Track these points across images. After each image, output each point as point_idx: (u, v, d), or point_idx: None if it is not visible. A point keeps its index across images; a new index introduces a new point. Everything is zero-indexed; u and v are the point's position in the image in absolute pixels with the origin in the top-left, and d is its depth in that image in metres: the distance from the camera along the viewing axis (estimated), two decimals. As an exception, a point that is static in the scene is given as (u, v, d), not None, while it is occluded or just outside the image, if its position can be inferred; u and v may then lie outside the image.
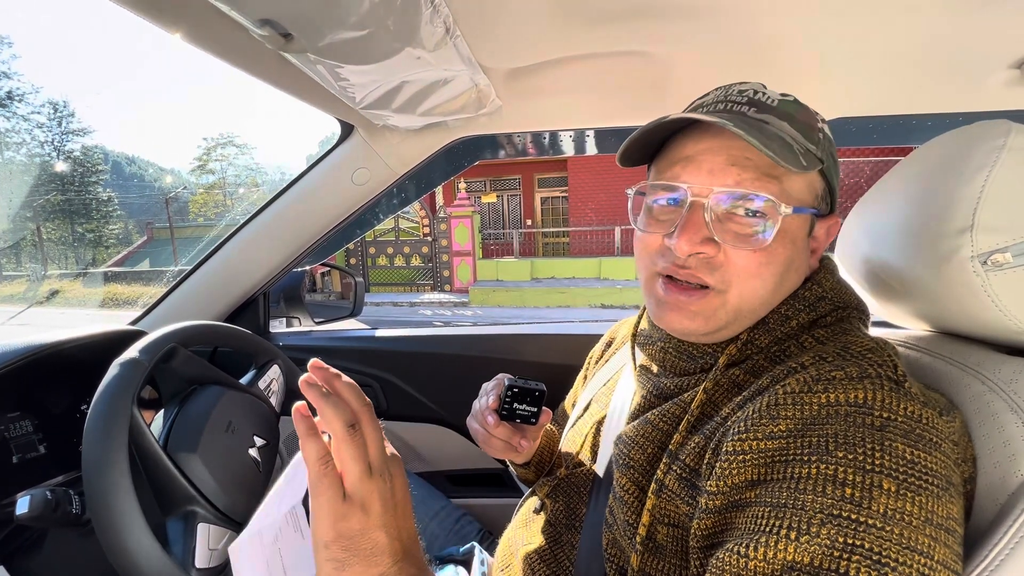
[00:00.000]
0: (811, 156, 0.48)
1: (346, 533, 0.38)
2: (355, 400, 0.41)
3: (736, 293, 0.48)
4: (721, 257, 0.48)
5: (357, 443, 0.39)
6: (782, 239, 0.48)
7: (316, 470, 0.38)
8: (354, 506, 0.38)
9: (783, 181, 0.47)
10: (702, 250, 0.48)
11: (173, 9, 0.54)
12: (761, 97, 0.51)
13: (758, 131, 0.45)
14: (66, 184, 27.53)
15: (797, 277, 0.51)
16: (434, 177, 1.14)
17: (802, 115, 0.50)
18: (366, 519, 0.38)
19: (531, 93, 0.88)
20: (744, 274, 0.48)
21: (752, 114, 0.50)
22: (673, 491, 0.46)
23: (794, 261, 0.50)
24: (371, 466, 0.40)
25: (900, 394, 0.39)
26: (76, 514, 0.64)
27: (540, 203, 14.20)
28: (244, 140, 65.70)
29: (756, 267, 0.48)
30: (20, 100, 28.74)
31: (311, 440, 0.39)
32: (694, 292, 0.49)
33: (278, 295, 1.34)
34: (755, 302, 0.49)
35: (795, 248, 0.49)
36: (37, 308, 11.68)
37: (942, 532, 0.34)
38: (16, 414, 0.81)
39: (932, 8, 0.64)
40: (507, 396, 0.65)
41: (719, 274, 0.48)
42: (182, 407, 0.72)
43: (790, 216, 0.47)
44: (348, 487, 0.39)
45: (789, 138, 0.48)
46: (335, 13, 0.54)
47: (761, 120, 0.49)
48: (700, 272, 0.49)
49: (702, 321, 0.50)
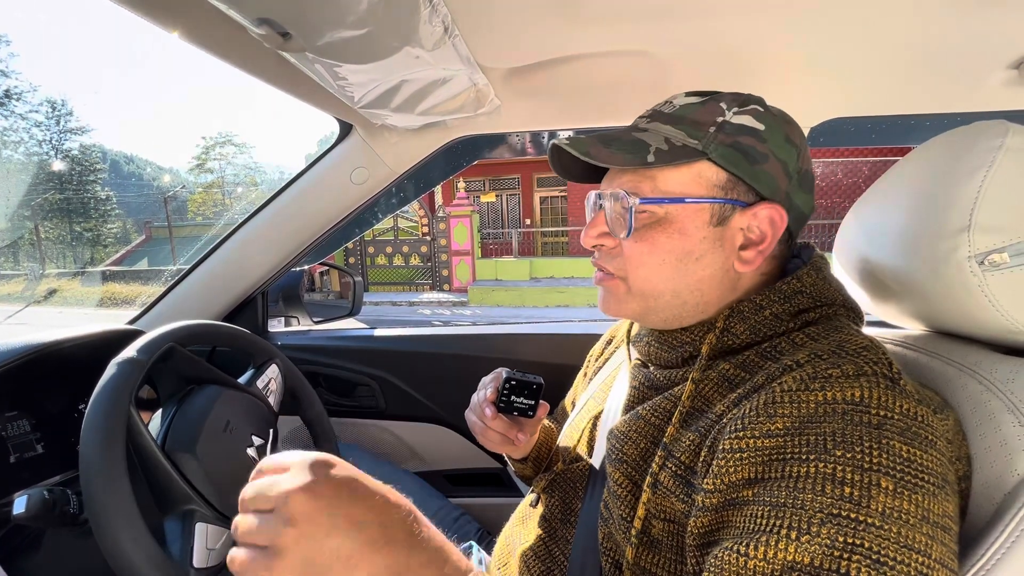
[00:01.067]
0: (684, 150, 0.51)
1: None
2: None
3: (633, 279, 0.55)
4: (618, 248, 0.56)
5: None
6: (664, 229, 0.52)
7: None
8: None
9: (656, 179, 0.52)
10: (600, 242, 0.57)
11: (171, 8, 0.54)
12: (664, 107, 0.56)
13: (605, 143, 0.53)
14: (64, 183, 27.48)
15: (705, 267, 0.52)
16: (433, 176, 1.14)
17: (698, 114, 0.53)
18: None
19: (530, 93, 0.88)
20: (632, 261, 0.54)
21: (642, 124, 0.56)
22: (668, 487, 0.46)
23: (692, 251, 0.52)
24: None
25: (896, 392, 0.39)
26: (74, 514, 0.64)
27: (539, 203, 14.20)
28: (243, 139, 65.75)
29: (639, 256, 0.53)
30: (18, 99, 28.70)
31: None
32: (606, 278, 0.58)
33: (277, 294, 1.34)
34: (652, 288, 0.54)
35: (685, 238, 0.52)
36: (35, 307, 11.66)
37: (938, 530, 0.35)
38: (13, 413, 0.80)
39: (930, 9, 0.64)
40: (505, 389, 0.65)
41: (617, 262, 0.56)
42: (180, 407, 0.72)
43: (671, 207, 0.52)
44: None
45: (662, 139, 0.52)
46: (333, 12, 0.54)
47: (642, 129, 0.55)
48: (603, 261, 0.58)
49: (615, 301, 0.57)
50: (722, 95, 0.54)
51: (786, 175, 0.52)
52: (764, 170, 0.51)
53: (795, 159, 0.53)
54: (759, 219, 0.52)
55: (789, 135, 0.53)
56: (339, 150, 1.03)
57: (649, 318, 0.57)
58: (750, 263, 0.53)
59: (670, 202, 0.52)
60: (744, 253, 0.53)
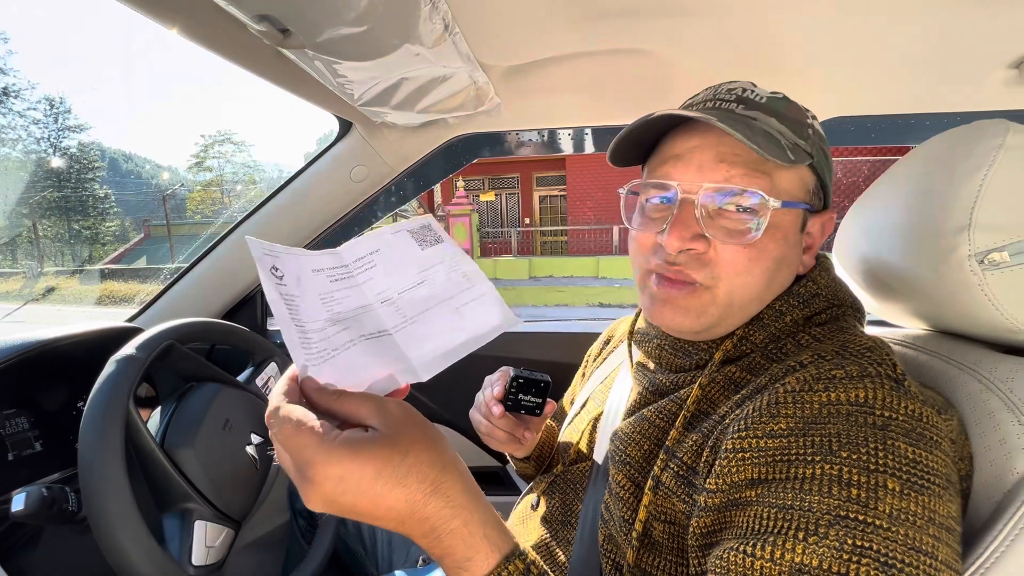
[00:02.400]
0: (799, 150, 0.48)
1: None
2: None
3: (725, 289, 0.48)
4: (711, 253, 0.48)
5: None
6: (773, 235, 0.48)
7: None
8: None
9: (772, 176, 0.48)
10: (692, 246, 0.48)
11: (171, 4, 0.54)
12: (750, 95, 0.51)
13: (745, 126, 0.45)
14: (62, 181, 27.42)
15: (789, 273, 0.51)
16: (432, 175, 1.14)
17: (791, 111, 0.51)
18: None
19: (530, 91, 0.88)
20: (733, 270, 0.48)
21: (740, 111, 0.50)
22: (670, 488, 0.46)
23: (786, 257, 0.50)
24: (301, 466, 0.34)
25: (900, 393, 0.39)
26: (72, 511, 0.64)
27: (538, 202, 14.20)
28: (242, 137, 65.61)
29: (745, 263, 0.48)
30: (16, 96, 28.65)
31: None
32: (684, 287, 0.50)
33: (276, 293, 1.34)
34: (745, 298, 0.49)
35: (787, 244, 0.49)
36: (33, 305, 11.64)
37: (944, 532, 0.35)
38: (12, 411, 0.80)
39: (930, 8, 0.64)
40: (513, 386, 0.65)
41: (708, 270, 0.48)
42: (179, 404, 0.72)
43: (780, 211, 0.48)
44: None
45: (776, 133, 0.48)
46: (333, 9, 0.54)
47: (748, 116, 0.49)
48: (690, 269, 0.49)
49: (693, 317, 0.50)
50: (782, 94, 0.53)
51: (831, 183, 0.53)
52: (831, 179, 0.52)
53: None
54: (821, 225, 0.53)
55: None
56: (339, 148, 1.03)
57: (716, 329, 0.51)
58: (808, 267, 0.53)
59: (797, 206, 0.48)
60: (804, 257, 0.53)
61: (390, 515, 0.34)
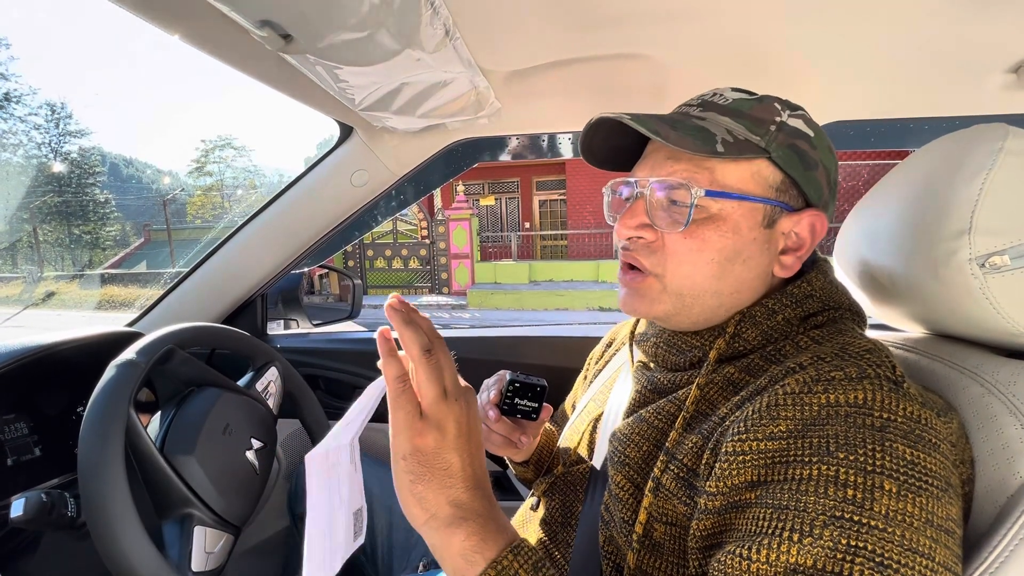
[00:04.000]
0: (747, 145, 0.49)
1: (422, 448, 0.40)
2: (429, 329, 0.44)
3: (672, 277, 0.52)
4: (659, 243, 0.52)
5: (433, 366, 0.41)
6: (717, 226, 0.49)
7: (395, 387, 0.41)
8: (430, 425, 0.41)
9: (715, 171, 0.49)
10: (640, 234, 0.52)
11: (173, 10, 0.54)
12: (716, 98, 0.53)
13: (671, 125, 0.49)
14: (63, 186, 27.45)
15: (747, 269, 0.51)
16: (433, 179, 1.14)
17: (757, 111, 0.51)
18: (441, 439, 0.41)
19: (530, 95, 0.88)
20: (675, 259, 0.51)
21: (695, 113, 0.53)
22: (670, 490, 0.46)
23: (739, 251, 0.50)
24: (446, 390, 0.42)
25: (899, 395, 0.39)
26: (71, 517, 0.64)
27: (538, 206, 14.22)
28: (242, 142, 65.83)
29: (686, 252, 0.50)
30: (17, 101, 28.68)
31: (391, 360, 0.42)
32: (638, 274, 0.54)
33: (276, 297, 1.34)
34: (693, 288, 0.51)
35: (737, 238, 0.50)
36: (33, 310, 11.63)
37: (942, 534, 0.34)
38: (11, 416, 0.80)
39: (929, 13, 0.65)
40: (508, 391, 0.65)
41: (656, 258, 0.52)
42: (179, 409, 0.72)
43: (726, 203, 0.49)
44: (425, 407, 0.41)
45: (724, 131, 0.49)
46: (335, 14, 0.54)
47: (696, 117, 0.52)
48: (639, 255, 0.53)
49: (646, 302, 0.53)
50: (770, 96, 0.53)
51: (828, 184, 0.52)
52: (814, 176, 0.51)
53: (834, 169, 0.53)
54: (801, 225, 0.52)
55: (831, 145, 0.53)
56: (340, 152, 1.03)
57: (677, 319, 0.54)
58: (789, 269, 0.52)
59: (736, 197, 0.49)
60: (784, 258, 0.52)
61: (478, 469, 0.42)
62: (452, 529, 0.40)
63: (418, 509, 0.40)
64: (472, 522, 0.40)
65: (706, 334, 0.53)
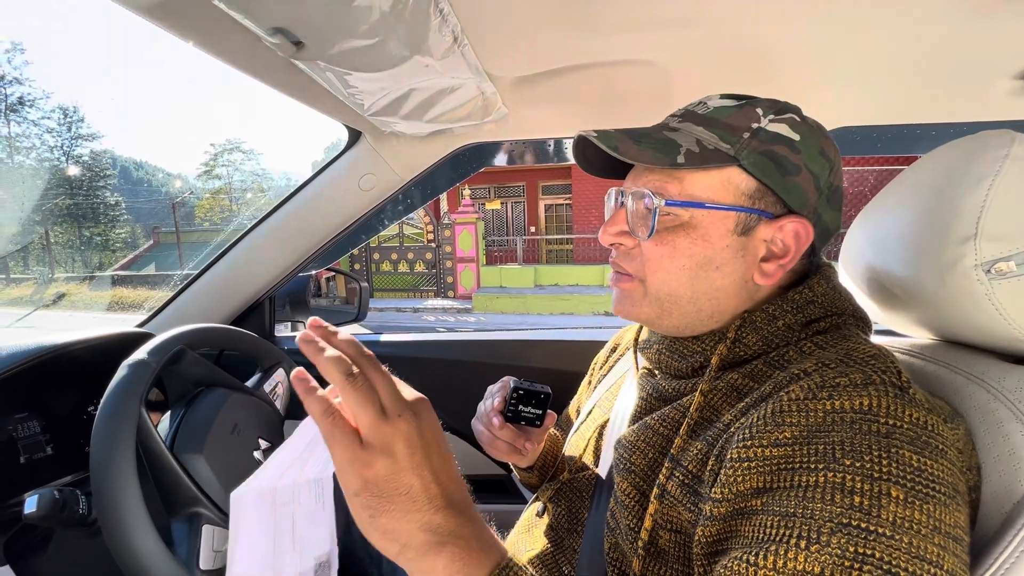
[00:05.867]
0: (715, 154, 0.49)
1: (372, 479, 0.36)
2: (352, 351, 0.40)
3: (651, 282, 0.53)
4: (637, 249, 0.54)
5: (361, 389, 0.37)
6: (688, 233, 0.51)
7: (324, 424, 0.37)
8: (375, 452, 0.36)
9: (684, 181, 0.51)
10: (619, 241, 0.55)
11: (188, 17, 0.56)
12: (697, 108, 0.54)
13: (635, 139, 0.51)
14: (74, 188, 27.80)
15: (724, 276, 0.51)
16: (440, 183, 1.15)
17: (733, 119, 0.51)
18: (392, 463, 0.36)
19: (537, 101, 0.89)
20: (650, 264, 0.53)
21: (673, 124, 0.54)
22: (675, 497, 0.46)
23: (712, 259, 0.51)
24: (385, 410, 0.38)
25: (905, 400, 0.39)
26: (83, 514, 0.65)
27: (544, 210, 14.23)
28: (251, 146, 66.40)
29: (659, 258, 0.52)
30: (31, 105, 29.13)
31: (310, 397, 0.38)
32: (624, 279, 0.56)
33: (284, 299, 1.35)
34: (669, 292, 0.53)
35: (708, 244, 0.50)
36: (44, 311, 11.76)
37: (950, 541, 0.34)
38: (24, 415, 0.81)
39: (936, 19, 0.65)
40: (513, 398, 0.65)
41: (635, 264, 0.54)
42: (188, 409, 0.73)
43: (696, 212, 0.50)
44: (364, 434, 0.37)
45: (693, 140, 0.50)
46: (346, 22, 0.55)
47: (672, 128, 0.53)
48: (621, 261, 0.56)
49: (630, 304, 0.56)
50: (759, 100, 0.53)
51: (816, 189, 0.51)
52: (795, 182, 0.50)
53: (827, 173, 0.52)
54: (784, 232, 0.51)
55: (824, 148, 0.52)
56: (348, 157, 1.04)
57: (662, 323, 0.55)
58: (770, 276, 0.51)
59: (696, 206, 0.50)
60: (765, 265, 0.51)
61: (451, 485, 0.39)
62: (431, 557, 0.36)
63: (387, 543, 0.37)
64: (452, 545, 0.37)
65: (706, 339, 0.53)
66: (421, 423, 0.39)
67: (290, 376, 0.39)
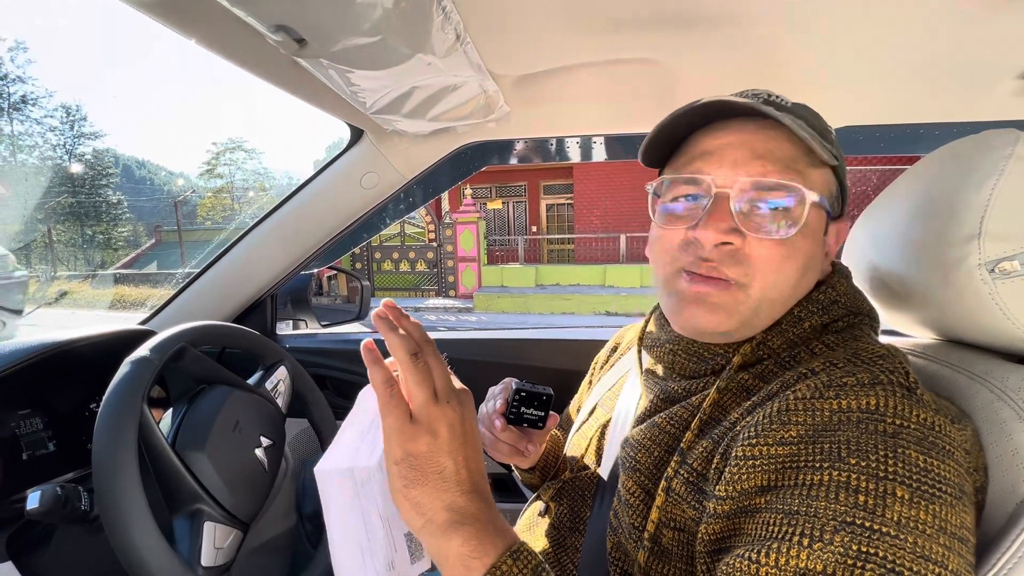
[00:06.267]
0: (828, 153, 0.48)
1: (414, 453, 0.40)
2: (418, 334, 0.44)
3: (759, 287, 0.48)
4: (746, 249, 0.47)
5: (421, 370, 0.41)
6: (805, 233, 0.48)
7: (383, 392, 0.41)
8: (421, 429, 0.40)
9: (805, 175, 0.47)
10: (729, 239, 0.47)
11: (191, 15, 0.56)
12: (776, 98, 0.51)
13: (789, 119, 0.46)
14: (77, 187, 27.88)
15: (813, 277, 0.52)
16: (441, 182, 1.15)
17: (814, 118, 0.52)
18: (433, 442, 0.40)
19: (539, 99, 0.89)
20: (767, 267, 0.47)
21: (773, 112, 0.48)
22: (680, 495, 0.46)
23: (813, 258, 0.50)
24: (437, 393, 0.42)
25: (912, 401, 0.39)
26: (85, 510, 0.65)
27: (545, 210, 14.23)
28: (252, 145, 66.50)
29: (779, 260, 0.47)
30: (34, 104, 29.21)
31: (377, 366, 0.41)
32: (718, 283, 0.48)
33: (285, 297, 1.35)
34: (776, 298, 0.49)
35: (815, 244, 0.49)
36: (46, 309, 11.79)
37: (955, 541, 0.34)
38: (27, 411, 0.81)
39: (939, 18, 0.65)
40: (515, 400, 0.65)
41: (743, 267, 0.47)
42: (190, 406, 0.73)
43: (813, 210, 0.48)
44: (415, 411, 0.41)
45: (808, 133, 0.47)
46: (348, 19, 0.55)
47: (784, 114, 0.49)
48: (724, 265, 0.48)
49: (724, 315, 0.49)
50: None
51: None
52: (847, 185, 0.53)
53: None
54: (837, 232, 0.53)
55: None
56: (350, 155, 1.04)
57: (743, 331, 0.50)
58: (825, 273, 0.53)
59: (824, 206, 0.49)
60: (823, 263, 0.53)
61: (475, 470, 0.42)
62: (449, 534, 0.39)
63: (413, 514, 0.40)
64: (469, 526, 0.39)
65: (733, 343, 0.52)
66: (464, 412, 0.43)
67: (361, 344, 0.42)
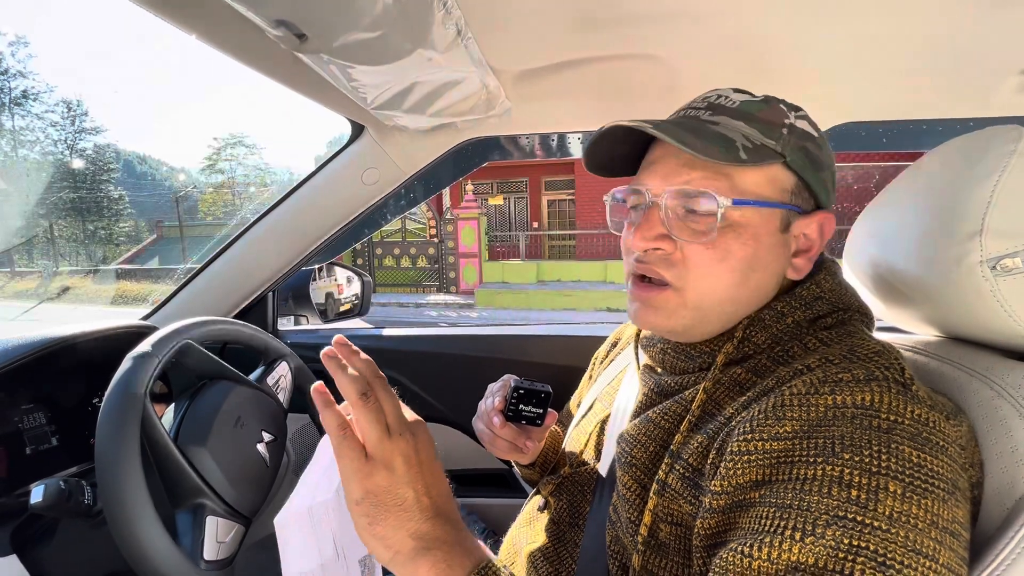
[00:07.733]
0: (765, 150, 0.48)
1: (373, 490, 0.41)
2: (368, 372, 0.45)
3: (693, 290, 0.50)
4: (678, 255, 0.50)
5: (372, 409, 0.42)
6: (739, 234, 0.48)
7: (336, 437, 0.42)
8: (377, 465, 0.41)
9: (733, 177, 0.49)
10: (658, 246, 0.50)
11: (191, 10, 0.56)
12: (722, 101, 0.52)
13: (692, 132, 0.47)
14: (78, 182, 27.87)
15: (767, 275, 0.51)
16: (442, 178, 1.15)
17: (765, 114, 0.51)
18: (390, 476, 0.41)
19: (540, 95, 0.89)
20: (699, 271, 0.49)
21: (706, 117, 0.51)
22: (676, 490, 0.46)
23: (759, 258, 0.50)
24: (389, 428, 0.42)
25: (907, 397, 0.39)
26: (88, 505, 0.65)
27: (547, 206, 14.20)
28: (253, 140, 66.40)
29: (709, 263, 0.49)
30: (35, 99, 29.16)
31: (327, 411, 0.42)
32: (654, 288, 0.52)
33: (287, 293, 1.36)
34: (714, 299, 0.50)
35: (758, 245, 0.49)
36: (48, 304, 11.83)
37: (947, 536, 0.34)
38: (30, 406, 0.82)
39: (941, 14, 0.64)
40: (513, 397, 0.65)
41: (676, 271, 0.50)
42: (192, 401, 0.73)
43: (748, 211, 0.48)
44: (370, 449, 0.42)
45: (742, 136, 0.48)
46: (349, 14, 0.55)
47: (710, 121, 0.51)
48: (658, 267, 0.51)
49: (664, 317, 0.52)
50: (772, 97, 0.53)
51: (832, 184, 0.53)
52: (822, 177, 0.51)
53: (835, 168, 0.54)
54: (811, 227, 0.52)
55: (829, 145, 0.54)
56: (351, 151, 1.04)
57: (694, 331, 0.52)
58: (801, 271, 0.52)
59: (756, 205, 0.49)
60: (796, 260, 0.52)
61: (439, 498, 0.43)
62: (417, 560, 0.40)
63: (381, 548, 0.41)
64: (436, 551, 0.40)
65: (716, 340, 0.53)
66: (418, 442, 0.44)
67: (310, 390, 0.43)
